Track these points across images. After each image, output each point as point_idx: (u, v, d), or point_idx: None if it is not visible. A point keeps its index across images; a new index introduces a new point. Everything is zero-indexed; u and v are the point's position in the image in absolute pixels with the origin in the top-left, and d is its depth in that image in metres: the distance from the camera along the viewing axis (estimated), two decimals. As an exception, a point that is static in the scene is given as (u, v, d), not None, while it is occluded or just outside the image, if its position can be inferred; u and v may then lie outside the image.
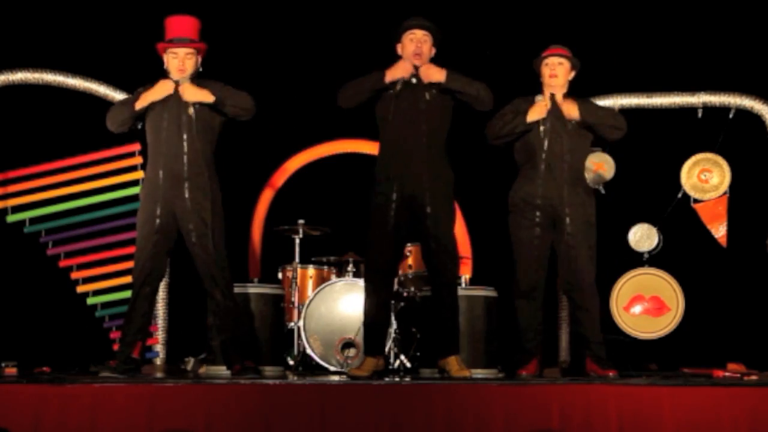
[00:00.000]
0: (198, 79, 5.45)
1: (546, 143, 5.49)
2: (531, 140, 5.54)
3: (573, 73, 5.65)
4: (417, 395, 4.46)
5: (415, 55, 5.40)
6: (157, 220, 5.35)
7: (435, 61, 5.49)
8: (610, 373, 5.27)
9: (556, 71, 5.58)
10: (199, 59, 5.45)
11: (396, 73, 5.38)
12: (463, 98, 5.43)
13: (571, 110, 5.53)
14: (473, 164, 6.80)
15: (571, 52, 5.69)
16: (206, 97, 5.32)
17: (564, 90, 5.62)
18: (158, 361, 6.50)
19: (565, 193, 5.48)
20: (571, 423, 4.35)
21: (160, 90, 5.33)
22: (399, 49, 5.52)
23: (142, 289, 5.35)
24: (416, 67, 5.40)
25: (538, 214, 5.51)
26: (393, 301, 6.45)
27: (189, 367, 6.25)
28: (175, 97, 5.35)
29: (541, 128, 5.51)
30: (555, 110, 5.54)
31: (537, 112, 5.55)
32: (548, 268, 5.62)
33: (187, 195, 5.31)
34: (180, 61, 5.35)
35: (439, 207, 5.36)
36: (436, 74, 5.38)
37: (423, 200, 5.34)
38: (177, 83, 5.35)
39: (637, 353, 6.34)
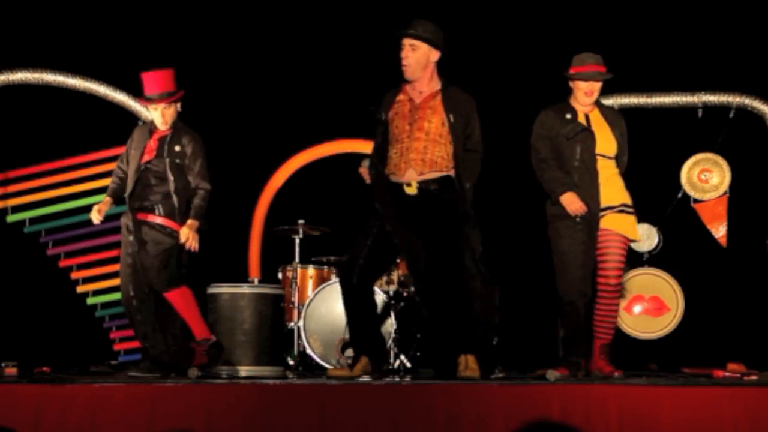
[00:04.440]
0: (178, 126, 5.58)
1: (578, 148, 5.45)
2: (562, 148, 5.49)
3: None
4: (417, 395, 4.46)
5: (403, 66, 5.30)
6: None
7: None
8: (616, 373, 5.27)
9: (594, 89, 5.48)
10: (178, 105, 5.61)
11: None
12: None
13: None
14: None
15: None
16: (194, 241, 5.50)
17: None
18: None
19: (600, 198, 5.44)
20: (571, 423, 4.35)
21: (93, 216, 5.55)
22: None
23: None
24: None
25: (577, 220, 5.46)
26: (393, 302, 6.46)
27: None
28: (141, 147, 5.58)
29: (574, 134, 5.47)
30: (587, 118, 5.50)
31: (573, 204, 5.41)
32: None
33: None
34: (161, 115, 5.55)
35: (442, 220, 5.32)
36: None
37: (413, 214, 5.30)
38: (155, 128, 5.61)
39: (637, 353, 6.35)
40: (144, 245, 5.43)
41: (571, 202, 5.38)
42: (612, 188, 5.47)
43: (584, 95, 5.47)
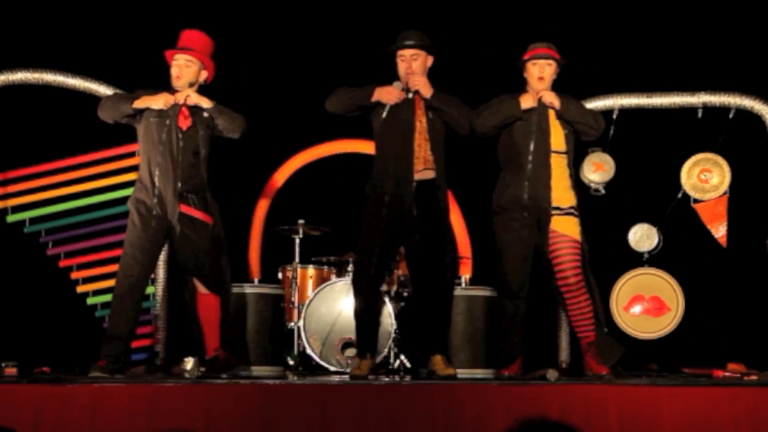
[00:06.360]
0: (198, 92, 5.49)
1: (532, 143, 5.47)
2: (516, 139, 5.51)
3: (556, 73, 5.61)
4: (417, 395, 4.47)
5: (406, 74, 5.48)
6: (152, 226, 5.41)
7: (435, 69, 5.51)
8: (603, 372, 5.28)
9: (544, 73, 5.51)
10: (203, 74, 5.46)
11: (384, 97, 5.44)
12: (444, 117, 5.47)
13: (552, 98, 5.47)
14: (473, 164, 6.79)
15: (558, 49, 5.64)
16: (204, 101, 5.33)
17: (549, 90, 5.59)
18: (159, 362, 6.50)
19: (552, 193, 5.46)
20: (571, 423, 4.35)
21: (160, 100, 5.33)
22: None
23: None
24: (408, 90, 5.46)
25: (525, 214, 5.49)
26: (393, 302, 6.46)
27: (189, 366, 6.24)
28: (173, 111, 5.39)
29: (528, 127, 5.49)
30: (542, 110, 5.51)
31: (530, 100, 5.49)
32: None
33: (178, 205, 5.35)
34: (178, 68, 5.40)
35: (431, 221, 5.40)
36: (423, 87, 5.42)
37: (412, 217, 5.37)
38: (176, 91, 5.37)
39: (637, 353, 6.34)
40: None
41: (529, 98, 5.49)
42: (561, 188, 5.50)
43: (537, 81, 5.51)
